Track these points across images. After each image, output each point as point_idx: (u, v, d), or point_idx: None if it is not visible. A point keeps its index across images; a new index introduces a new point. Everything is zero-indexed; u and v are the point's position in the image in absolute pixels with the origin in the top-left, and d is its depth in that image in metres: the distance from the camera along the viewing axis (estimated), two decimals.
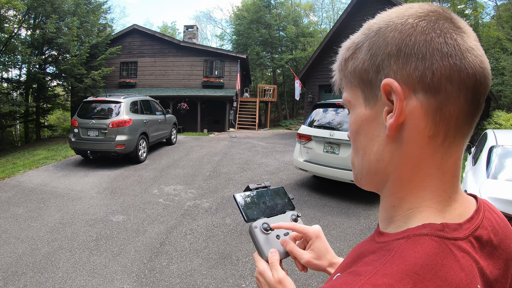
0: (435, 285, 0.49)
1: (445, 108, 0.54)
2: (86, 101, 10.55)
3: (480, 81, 0.55)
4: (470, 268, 0.54)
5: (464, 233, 0.57)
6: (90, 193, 7.62)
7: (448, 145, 0.57)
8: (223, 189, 7.93)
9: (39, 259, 4.76)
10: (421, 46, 0.54)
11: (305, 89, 20.68)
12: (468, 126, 0.58)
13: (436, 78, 0.53)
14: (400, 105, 0.55)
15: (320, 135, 7.30)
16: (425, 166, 0.58)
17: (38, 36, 18.42)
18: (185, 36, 25.37)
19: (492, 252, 0.61)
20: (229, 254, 4.99)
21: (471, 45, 0.56)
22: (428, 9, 0.58)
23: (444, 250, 0.53)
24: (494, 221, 0.65)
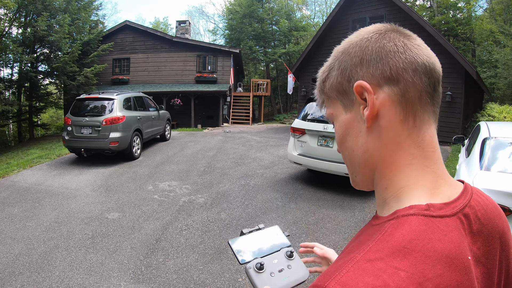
0: (424, 256, 0.55)
1: (407, 93, 0.66)
2: (79, 98, 10.50)
3: (430, 67, 0.67)
4: (459, 241, 0.61)
5: (452, 211, 0.64)
6: (85, 191, 7.62)
7: (419, 125, 0.67)
8: (218, 184, 7.95)
9: (36, 259, 4.77)
10: (376, 52, 0.67)
11: (299, 83, 20.66)
12: (431, 105, 0.68)
13: (393, 71, 0.66)
14: (371, 97, 0.66)
15: (314, 128, 7.33)
16: (404, 146, 0.67)
17: (30, 34, 18.25)
18: (178, 31, 25.24)
19: (481, 229, 0.67)
20: (225, 249, 5.02)
21: (418, 43, 0.69)
22: (378, 27, 0.72)
23: (431, 226, 0.59)
24: (482, 202, 0.71)
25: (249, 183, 8.00)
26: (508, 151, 4.70)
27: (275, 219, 6.00)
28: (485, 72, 21.20)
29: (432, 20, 23.86)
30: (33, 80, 19.08)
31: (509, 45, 18.98)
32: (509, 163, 4.41)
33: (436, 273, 0.55)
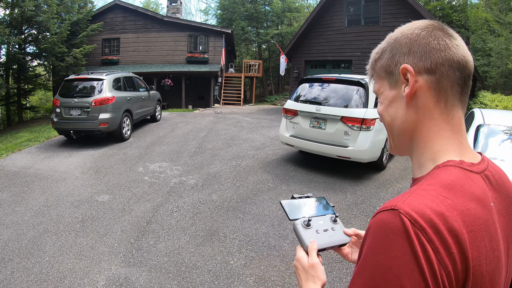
0: (462, 193, 0.75)
1: (441, 82, 0.83)
2: (68, 79, 10.29)
3: (463, 64, 0.83)
4: (485, 190, 0.80)
5: (477, 170, 0.83)
6: (75, 173, 7.52)
7: (450, 107, 0.85)
8: (209, 165, 7.89)
9: (25, 244, 4.70)
10: (423, 47, 0.84)
11: (291, 64, 20.50)
12: (461, 94, 0.85)
13: (433, 64, 0.83)
14: (412, 79, 0.84)
15: (306, 110, 7.26)
16: (437, 121, 0.85)
17: (17, 15, 17.85)
18: (169, 11, 24.82)
19: (498, 189, 0.85)
20: (216, 230, 4.99)
21: (457, 43, 0.84)
22: (427, 23, 0.87)
23: (465, 175, 0.79)
24: (496, 170, 0.89)
25: (240, 164, 7.95)
26: (501, 138, 4.74)
27: (267, 200, 5.97)
28: (478, 60, 21.16)
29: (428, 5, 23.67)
30: (21, 62, 18.71)
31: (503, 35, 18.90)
32: (502, 150, 4.44)
33: (472, 206, 0.74)
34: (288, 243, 4.65)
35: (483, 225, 0.74)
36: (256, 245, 4.63)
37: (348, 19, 17.21)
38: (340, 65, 17.64)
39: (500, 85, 20.95)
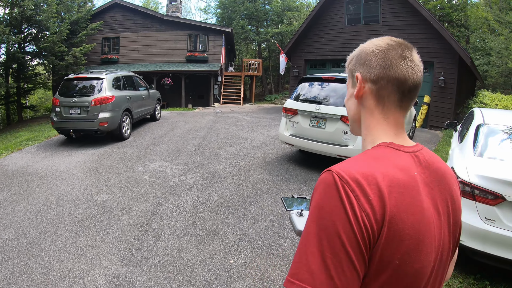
0: (386, 162, 0.97)
1: (380, 91, 1.07)
2: (67, 78, 10.28)
3: (401, 81, 1.04)
4: (410, 163, 1.01)
5: (406, 150, 1.04)
6: (74, 173, 7.52)
7: (387, 110, 1.08)
8: (209, 165, 7.89)
9: (25, 244, 4.70)
10: (373, 63, 1.06)
11: (291, 64, 20.47)
12: (400, 101, 1.07)
13: (375, 77, 1.06)
14: (359, 84, 1.10)
15: (306, 109, 7.25)
16: (376, 118, 1.10)
17: (16, 14, 17.80)
18: (168, 9, 24.78)
19: (428, 166, 1.05)
20: (216, 230, 4.99)
21: (405, 63, 1.04)
22: (386, 43, 1.08)
23: (392, 151, 1.02)
24: (428, 154, 1.09)
25: (240, 163, 7.94)
26: (501, 137, 4.74)
27: (267, 200, 5.97)
28: (478, 59, 21.11)
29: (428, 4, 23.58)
30: (21, 61, 18.65)
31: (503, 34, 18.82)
32: (502, 150, 4.44)
33: (393, 171, 0.95)
34: (288, 242, 4.65)
35: (403, 185, 0.94)
36: (256, 244, 4.63)
37: (348, 18, 17.19)
38: (340, 64, 17.60)
39: (500, 84, 20.92)
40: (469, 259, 4.00)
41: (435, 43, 14.00)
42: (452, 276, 3.97)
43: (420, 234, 0.93)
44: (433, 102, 14.44)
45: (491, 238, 3.68)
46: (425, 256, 0.94)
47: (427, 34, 14.25)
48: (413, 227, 0.92)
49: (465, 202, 3.81)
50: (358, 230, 0.86)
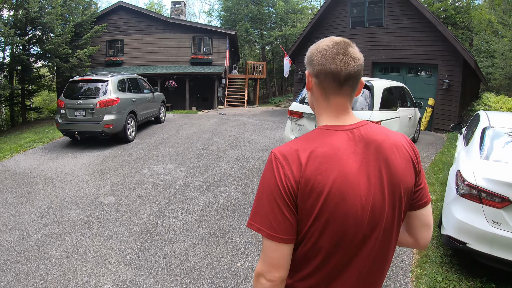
0: (312, 141, 1.25)
1: (322, 83, 1.32)
2: (72, 81, 10.28)
3: (335, 73, 1.27)
4: (339, 139, 1.26)
5: (340, 129, 1.30)
6: (79, 175, 7.51)
7: (329, 97, 1.33)
8: (214, 167, 7.86)
9: (31, 246, 4.68)
10: (314, 61, 1.31)
11: (295, 66, 20.45)
12: (339, 89, 1.31)
13: (316, 72, 1.31)
14: (307, 79, 1.37)
15: (311, 111, 7.20)
16: (322, 104, 1.36)
17: (21, 16, 17.83)
18: (172, 12, 24.80)
19: (361, 139, 1.29)
20: (223, 233, 4.96)
21: (342, 58, 1.27)
22: (325, 44, 1.31)
23: (323, 131, 1.29)
24: (367, 130, 1.33)
25: (245, 166, 7.92)
26: (506, 140, 4.73)
27: None
28: (482, 61, 20.97)
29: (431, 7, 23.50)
30: (25, 63, 18.69)
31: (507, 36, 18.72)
32: (508, 153, 4.42)
33: (315, 147, 1.23)
34: None
35: (323, 156, 1.22)
36: None
37: (352, 21, 17.16)
38: None
39: (504, 87, 20.77)
40: (475, 262, 3.99)
41: (440, 45, 13.94)
42: (459, 279, 3.95)
43: (339, 190, 1.21)
44: (438, 104, 14.37)
45: (498, 241, 3.64)
46: (350, 206, 1.22)
47: (431, 37, 14.19)
48: (333, 185, 1.20)
49: (471, 205, 3.81)
50: (282, 189, 1.22)
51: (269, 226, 1.23)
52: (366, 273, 1.32)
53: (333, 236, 1.23)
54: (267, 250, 1.25)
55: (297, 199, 1.22)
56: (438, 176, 7.34)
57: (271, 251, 1.25)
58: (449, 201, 4.21)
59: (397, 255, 4.46)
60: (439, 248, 4.58)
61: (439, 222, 4.99)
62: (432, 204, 5.90)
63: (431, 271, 4.07)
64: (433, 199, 6.13)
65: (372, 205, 1.24)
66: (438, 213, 5.56)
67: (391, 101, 7.92)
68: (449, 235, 3.99)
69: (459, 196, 3.97)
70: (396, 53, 15.37)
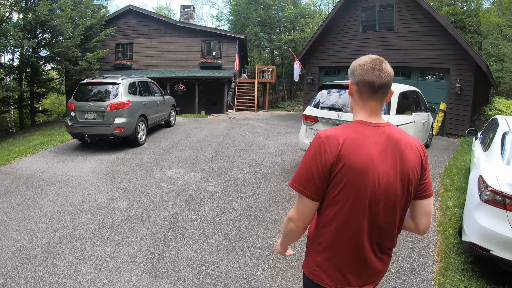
0: (348, 129, 1.70)
1: (360, 90, 1.76)
2: (83, 83, 10.15)
3: (371, 83, 1.71)
4: (368, 130, 1.69)
5: (371, 124, 1.72)
6: (90, 178, 7.35)
7: (364, 101, 1.76)
8: (227, 172, 7.68)
9: (40, 252, 4.51)
10: (355, 72, 1.76)
11: (305, 71, 20.29)
12: (373, 94, 1.73)
13: (356, 81, 1.76)
14: (350, 87, 1.83)
15: (327, 116, 7.02)
16: (359, 106, 1.79)
17: (31, 19, 17.83)
18: (182, 16, 24.77)
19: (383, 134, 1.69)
20: (240, 240, 4.76)
21: (375, 73, 1.70)
22: (365, 60, 1.74)
23: (358, 124, 1.73)
24: (391, 129, 1.72)
25: (259, 171, 7.72)
26: None
27: (289, 209, 5.73)
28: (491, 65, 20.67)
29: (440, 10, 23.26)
30: (35, 65, 18.69)
31: None
32: None
33: (352, 133, 1.67)
34: None
35: (354, 140, 1.63)
36: (282, 255, 4.39)
37: (363, 25, 17.00)
38: None
39: None
40: (498, 268, 3.92)
41: (451, 49, 13.74)
42: (481, 286, 3.86)
43: (364, 167, 1.60)
44: (449, 109, 14.14)
45: None
46: (371, 181, 1.61)
47: (442, 41, 13.99)
48: (358, 162, 1.60)
49: (495, 211, 3.75)
50: (320, 160, 1.62)
51: (305, 186, 1.68)
52: (374, 237, 1.74)
53: (354, 202, 1.64)
54: (299, 203, 1.74)
55: (331, 170, 1.63)
56: (454, 182, 7.14)
57: (302, 205, 1.73)
58: (472, 208, 4.10)
59: (419, 262, 4.31)
60: (460, 255, 4.44)
61: (459, 229, 4.88)
62: (450, 210, 5.78)
63: (454, 279, 3.94)
64: (450, 205, 5.98)
65: (387, 184, 1.65)
66: (457, 220, 5.42)
67: (406, 106, 7.74)
68: (472, 242, 3.90)
69: (482, 202, 3.88)
70: (407, 57, 15.18)
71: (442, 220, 5.47)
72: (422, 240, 4.86)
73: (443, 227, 5.21)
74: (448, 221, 5.40)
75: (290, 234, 1.87)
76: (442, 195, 6.50)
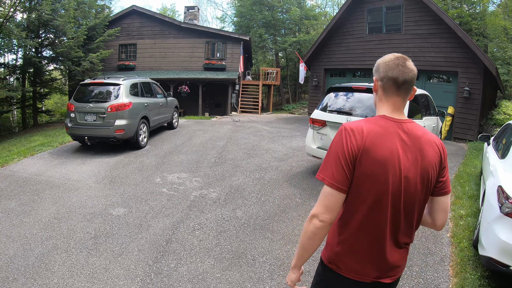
0: (372, 123, 1.74)
1: (385, 85, 1.80)
2: (83, 83, 9.88)
3: (395, 78, 1.75)
4: (390, 125, 1.73)
5: (393, 120, 1.75)
6: (88, 182, 7.08)
7: (389, 97, 1.80)
8: (231, 177, 7.40)
9: (32, 262, 4.24)
10: (379, 69, 1.81)
11: (310, 73, 20.02)
12: (397, 90, 1.77)
13: (381, 77, 1.80)
14: (375, 83, 1.86)
15: (336, 120, 6.74)
16: (383, 101, 1.83)
17: (34, 19, 17.69)
18: (186, 17, 24.56)
19: (408, 132, 1.73)
20: (244, 252, 4.48)
21: (399, 69, 1.74)
22: (389, 57, 1.79)
23: (381, 118, 1.76)
24: (413, 125, 1.77)
25: (264, 176, 7.44)
26: None
27: (296, 218, 5.45)
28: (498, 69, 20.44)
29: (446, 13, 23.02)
30: (37, 65, 18.55)
31: None
32: None
33: (376, 127, 1.71)
34: None
35: (378, 133, 1.69)
36: (289, 270, 4.11)
37: (369, 27, 16.76)
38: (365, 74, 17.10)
39: None
40: None
41: (460, 52, 13.47)
42: None
43: (386, 160, 1.65)
44: (458, 113, 13.84)
45: None
46: (392, 173, 1.65)
47: (451, 43, 13.73)
48: (381, 155, 1.65)
49: None
50: (346, 151, 1.66)
51: (332, 177, 1.67)
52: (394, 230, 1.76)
53: (377, 195, 1.66)
54: (326, 195, 1.68)
55: (356, 161, 1.65)
56: (465, 189, 6.87)
57: (329, 196, 1.68)
58: (491, 220, 3.83)
59: (434, 277, 4.04)
60: (476, 270, 4.17)
61: (474, 241, 4.63)
62: (463, 220, 5.51)
63: None
64: (464, 214, 5.71)
65: (407, 178, 1.68)
66: (471, 230, 5.15)
67: (416, 110, 7.46)
68: (491, 257, 3.64)
69: (503, 215, 3.62)
70: (414, 59, 14.30)
71: (456, 231, 5.19)
72: (436, 253, 4.59)
73: (457, 239, 4.93)
74: (462, 232, 5.12)
75: (314, 235, 1.72)
76: (454, 203, 6.22)
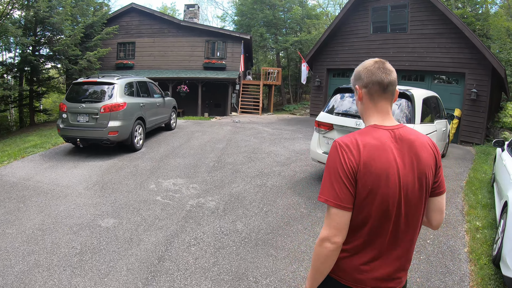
0: (366, 135, 1.68)
1: (370, 91, 1.76)
2: (76, 82, 9.40)
3: (379, 81, 1.73)
4: (384, 136, 1.68)
5: (385, 128, 1.72)
6: (78, 189, 6.63)
7: (376, 102, 1.77)
8: (230, 184, 6.95)
9: (11, 281, 3.80)
10: (361, 75, 1.77)
11: (312, 73, 19.59)
12: (383, 94, 1.75)
13: (365, 83, 1.76)
14: (358, 92, 1.81)
15: (344, 124, 6.29)
16: (371, 109, 1.79)
17: (31, 17, 17.29)
18: (186, 15, 24.12)
19: (400, 138, 1.69)
20: (245, 273, 4.02)
21: (382, 72, 1.73)
22: (369, 63, 1.78)
23: (373, 128, 1.72)
24: (404, 131, 1.73)
25: (266, 183, 6.99)
26: None
27: (302, 231, 5.00)
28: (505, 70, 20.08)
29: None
30: (34, 64, 18.11)
31: None
32: None
33: (370, 139, 1.65)
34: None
35: (374, 146, 1.63)
36: None
37: (374, 26, 16.35)
38: None
39: None
40: None
41: (467, 52, 13.05)
42: None
43: (385, 172, 1.61)
44: (465, 115, 13.40)
45: None
46: (392, 184, 1.62)
47: (458, 44, 13.30)
48: (380, 167, 1.61)
49: None
50: (346, 168, 1.60)
51: (336, 197, 1.61)
52: (397, 237, 1.71)
53: (380, 207, 1.63)
54: (333, 216, 1.62)
55: (356, 176, 1.61)
56: (478, 198, 6.47)
57: (336, 218, 1.62)
58: None
59: None
60: None
61: (493, 258, 4.25)
62: (479, 233, 5.11)
63: None
64: (480, 226, 5.30)
65: (406, 185, 1.66)
66: (489, 244, 4.75)
67: (428, 113, 7.03)
68: None
69: None
70: (420, 60, 14.50)
71: (474, 246, 4.76)
72: (455, 271, 4.16)
73: (476, 254, 4.51)
74: (480, 247, 4.71)
75: (327, 259, 1.66)
76: (468, 214, 5.79)
